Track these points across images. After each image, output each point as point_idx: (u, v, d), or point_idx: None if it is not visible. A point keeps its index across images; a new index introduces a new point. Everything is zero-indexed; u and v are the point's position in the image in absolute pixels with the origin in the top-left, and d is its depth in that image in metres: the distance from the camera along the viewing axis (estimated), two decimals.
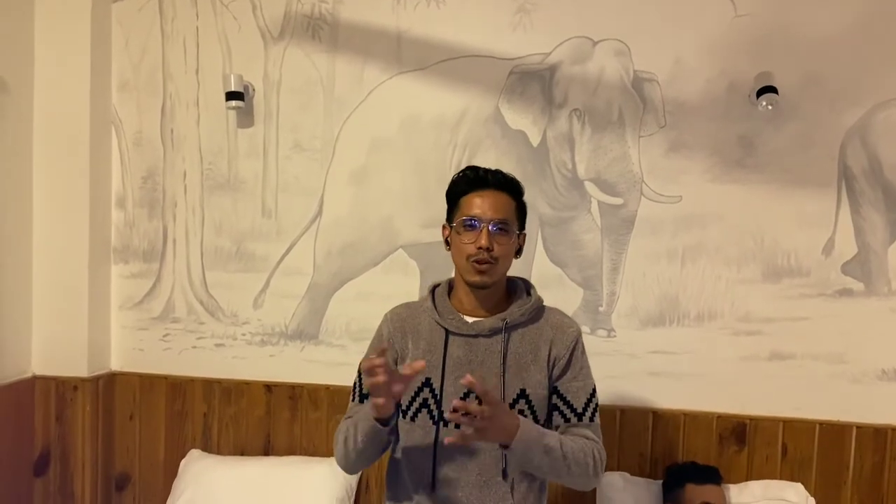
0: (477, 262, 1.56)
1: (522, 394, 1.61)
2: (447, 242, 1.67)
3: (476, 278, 1.58)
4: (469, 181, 1.62)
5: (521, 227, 1.66)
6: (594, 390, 1.68)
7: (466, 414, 1.38)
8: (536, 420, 1.62)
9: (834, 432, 2.34)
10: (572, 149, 2.46)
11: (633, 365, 2.45)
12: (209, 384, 2.67)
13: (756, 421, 2.39)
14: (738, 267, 2.39)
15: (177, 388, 2.69)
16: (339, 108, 2.58)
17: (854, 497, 2.33)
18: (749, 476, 2.38)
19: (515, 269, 1.73)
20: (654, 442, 2.44)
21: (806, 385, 2.36)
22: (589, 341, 2.42)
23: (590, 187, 2.46)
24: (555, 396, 1.65)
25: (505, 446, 1.47)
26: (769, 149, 2.36)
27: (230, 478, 2.47)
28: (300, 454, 2.59)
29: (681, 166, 2.41)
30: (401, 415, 1.64)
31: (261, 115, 2.63)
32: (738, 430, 2.40)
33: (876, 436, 2.32)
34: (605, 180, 2.45)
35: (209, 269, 2.69)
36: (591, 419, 1.65)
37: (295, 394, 2.61)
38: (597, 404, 1.68)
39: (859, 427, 2.33)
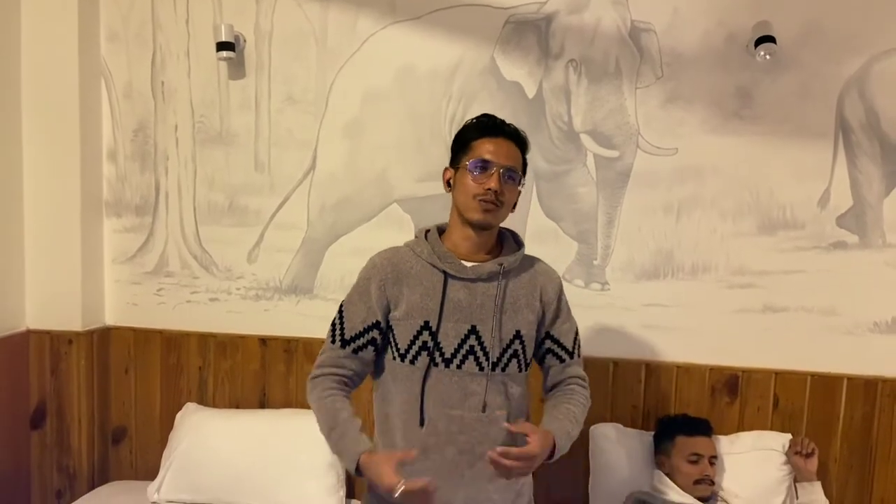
0: (484, 201, 1.61)
1: (518, 335, 1.69)
2: (448, 184, 1.71)
3: (480, 216, 1.62)
4: (484, 127, 1.67)
5: (523, 180, 1.72)
6: (577, 329, 1.81)
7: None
8: (526, 356, 1.71)
9: (825, 384, 2.37)
10: (568, 101, 2.43)
11: (626, 318, 2.46)
12: (204, 338, 2.67)
13: (748, 373, 2.41)
14: (733, 220, 2.39)
15: (171, 343, 2.69)
16: (332, 59, 2.54)
17: (844, 447, 2.37)
18: (741, 427, 2.41)
19: (510, 222, 1.73)
20: (647, 394, 2.46)
21: (798, 337, 2.38)
22: (583, 295, 2.48)
23: (585, 140, 2.44)
24: (549, 341, 1.76)
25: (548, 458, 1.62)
26: (767, 100, 2.34)
27: (226, 430, 2.48)
28: (296, 407, 2.60)
29: (677, 118, 2.39)
30: (399, 358, 1.66)
31: (252, 66, 2.59)
32: (731, 382, 2.42)
33: (866, 387, 2.34)
34: (601, 133, 2.42)
35: (202, 223, 2.67)
36: (579, 354, 1.79)
37: (290, 347, 2.62)
38: (580, 341, 1.81)
39: (850, 378, 2.35)
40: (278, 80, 2.58)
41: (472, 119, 1.71)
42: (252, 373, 2.65)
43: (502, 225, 1.74)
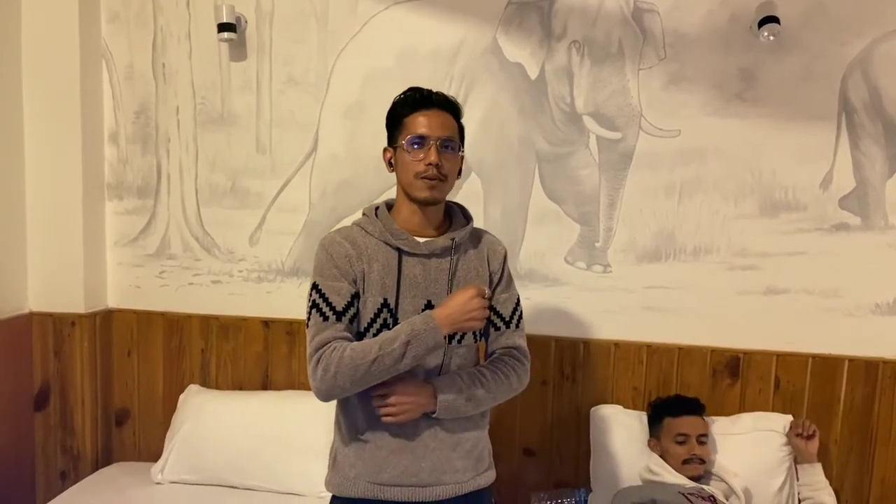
0: (427, 178, 1.61)
1: None
2: (390, 164, 1.71)
3: (426, 194, 1.63)
4: (413, 101, 1.66)
5: (462, 147, 1.72)
6: (518, 300, 1.80)
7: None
8: (483, 328, 1.72)
9: (826, 365, 2.37)
10: (571, 82, 2.43)
11: (628, 300, 2.46)
12: (206, 320, 2.68)
13: (749, 354, 2.41)
14: (735, 201, 2.38)
15: (174, 325, 2.70)
16: (333, 40, 2.53)
17: (844, 428, 2.37)
18: (742, 409, 2.42)
19: (513, 201, 1.72)
20: (648, 376, 2.47)
21: (800, 319, 2.38)
22: (585, 277, 2.47)
23: (588, 122, 2.43)
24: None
25: (432, 412, 1.62)
26: (770, 81, 2.33)
27: (229, 411, 2.50)
28: (298, 388, 2.61)
29: (680, 100, 2.38)
30: (357, 337, 1.64)
31: (253, 48, 2.58)
32: (732, 364, 2.42)
33: (867, 368, 2.34)
34: (604, 114, 2.42)
35: (204, 205, 2.67)
36: (517, 325, 1.78)
37: (293, 329, 2.62)
38: (521, 312, 1.80)
39: (851, 360, 2.35)
40: (279, 61, 2.58)
41: (400, 94, 1.70)
42: (255, 355, 2.66)
43: (449, 199, 1.75)
